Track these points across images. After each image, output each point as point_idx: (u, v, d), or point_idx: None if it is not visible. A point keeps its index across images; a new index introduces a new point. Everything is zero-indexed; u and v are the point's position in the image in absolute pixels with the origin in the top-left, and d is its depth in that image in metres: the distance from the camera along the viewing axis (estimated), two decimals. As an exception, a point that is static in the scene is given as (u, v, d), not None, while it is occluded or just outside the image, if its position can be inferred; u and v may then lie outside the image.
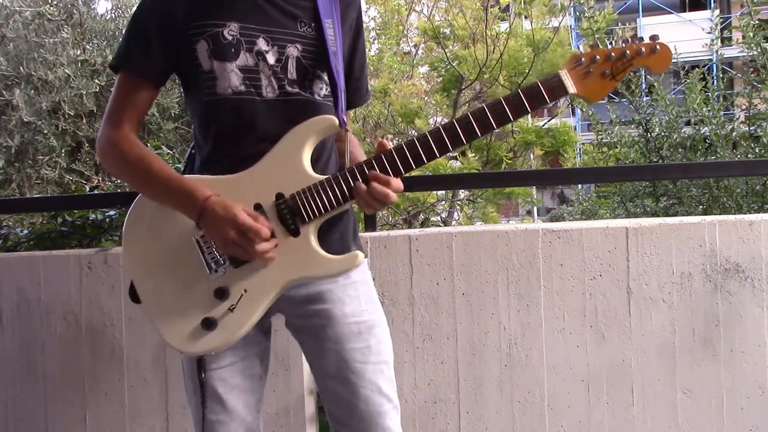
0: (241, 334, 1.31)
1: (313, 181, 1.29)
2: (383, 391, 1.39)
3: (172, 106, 4.98)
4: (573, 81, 1.28)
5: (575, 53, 1.33)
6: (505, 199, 7.84)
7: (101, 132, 1.38)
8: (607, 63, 1.28)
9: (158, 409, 2.24)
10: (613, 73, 1.28)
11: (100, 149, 1.38)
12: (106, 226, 2.82)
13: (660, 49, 1.27)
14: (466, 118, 1.28)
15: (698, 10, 16.35)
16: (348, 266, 1.32)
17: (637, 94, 4.41)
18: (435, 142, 1.28)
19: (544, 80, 1.28)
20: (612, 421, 2.07)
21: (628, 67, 1.28)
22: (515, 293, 2.09)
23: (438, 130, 1.28)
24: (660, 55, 1.28)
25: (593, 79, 1.28)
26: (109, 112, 1.38)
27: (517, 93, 1.28)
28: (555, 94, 1.28)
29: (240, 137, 1.34)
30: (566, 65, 1.30)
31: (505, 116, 1.28)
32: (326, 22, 1.35)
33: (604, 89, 1.29)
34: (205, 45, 1.32)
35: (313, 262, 1.31)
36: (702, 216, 2.20)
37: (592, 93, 1.29)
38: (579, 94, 1.29)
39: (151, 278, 1.35)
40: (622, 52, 1.27)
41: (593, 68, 1.28)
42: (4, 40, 5.18)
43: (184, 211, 1.30)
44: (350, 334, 1.38)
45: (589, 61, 1.28)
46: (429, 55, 9.18)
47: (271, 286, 1.31)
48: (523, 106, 1.27)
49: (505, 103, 1.27)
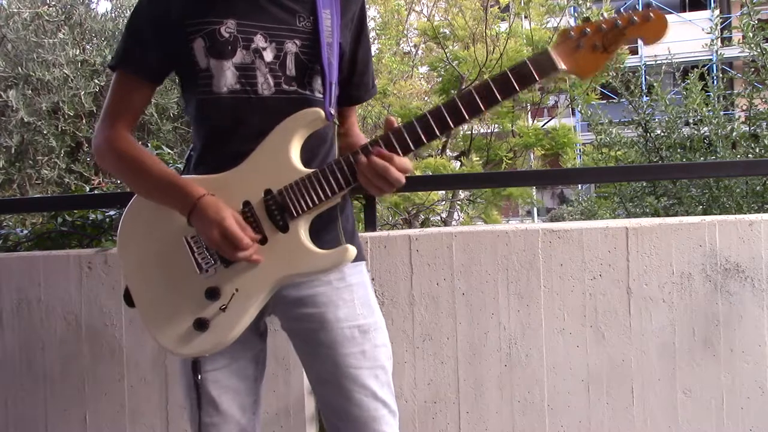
0: (235, 335, 1.30)
1: (302, 176, 1.28)
2: (378, 396, 1.36)
3: (170, 106, 4.98)
4: (563, 57, 1.22)
5: (565, 28, 1.25)
6: (505, 199, 7.83)
7: (97, 130, 1.38)
8: (598, 35, 1.21)
9: (158, 409, 2.24)
10: (605, 45, 1.21)
11: (96, 147, 1.38)
12: (106, 226, 2.82)
13: (654, 17, 1.20)
14: (452, 101, 1.23)
15: (698, 10, 16.36)
16: (338, 261, 1.29)
17: (636, 94, 4.41)
18: (422, 126, 1.24)
19: (533, 58, 1.22)
20: (612, 421, 2.07)
21: (620, 37, 1.21)
22: (515, 293, 2.09)
23: (424, 115, 1.24)
24: (654, 23, 1.20)
25: (583, 53, 1.21)
26: (106, 110, 1.37)
27: (504, 73, 1.22)
28: (544, 72, 1.21)
29: (234, 135, 1.33)
30: (555, 41, 1.23)
31: (492, 97, 1.22)
32: (324, 13, 1.33)
33: (596, 63, 1.22)
34: (201, 43, 1.31)
35: (303, 257, 1.28)
36: (702, 216, 2.20)
37: (583, 68, 1.22)
38: (569, 70, 1.22)
39: (144, 280, 1.35)
40: (613, 22, 1.20)
41: (583, 41, 1.21)
42: (4, 40, 5.18)
43: (177, 207, 1.29)
44: (344, 338, 1.35)
45: (579, 35, 1.21)
46: (429, 55, 9.17)
47: (263, 284, 1.29)
48: (511, 85, 1.21)
49: (492, 84, 1.22)
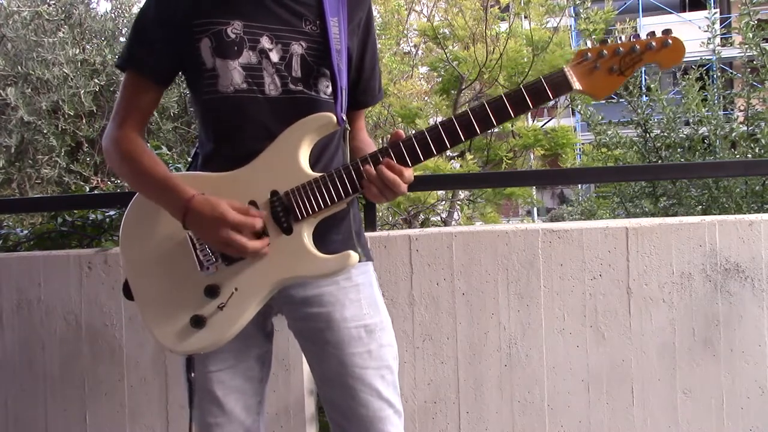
0: (232, 334, 1.30)
1: (309, 179, 1.28)
2: (383, 396, 1.37)
3: (171, 105, 4.97)
4: (578, 77, 1.23)
5: (582, 49, 1.28)
6: (505, 199, 7.82)
7: (107, 130, 1.39)
8: (615, 58, 1.22)
9: (158, 409, 2.24)
10: (621, 68, 1.23)
11: (105, 147, 1.39)
12: (106, 226, 2.82)
13: (672, 43, 1.21)
14: (465, 114, 1.25)
15: (698, 10, 16.36)
16: (340, 266, 1.29)
17: (635, 94, 4.41)
18: (433, 139, 1.25)
19: (548, 76, 1.24)
20: (612, 421, 2.07)
21: (637, 62, 1.22)
22: (515, 293, 2.09)
23: (436, 127, 1.26)
24: (671, 49, 1.21)
25: (600, 74, 1.23)
26: (115, 111, 1.39)
27: (519, 89, 1.24)
28: (558, 91, 1.24)
29: (241, 134, 1.33)
30: (572, 61, 1.25)
31: (505, 112, 1.24)
32: (331, 20, 1.35)
33: (612, 85, 1.24)
34: (208, 42, 1.32)
35: (304, 261, 1.29)
36: (702, 216, 2.20)
37: (599, 89, 1.24)
38: (584, 91, 1.24)
39: (145, 276, 1.35)
40: (631, 47, 1.22)
41: (600, 63, 1.23)
42: (4, 39, 5.18)
43: (171, 211, 1.29)
44: (350, 338, 1.36)
45: (596, 56, 1.23)
46: (429, 55, 9.17)
47: (262, 285, 1.30)
48: (525, 102, 1.23)
49: (506, 100, 1.23)
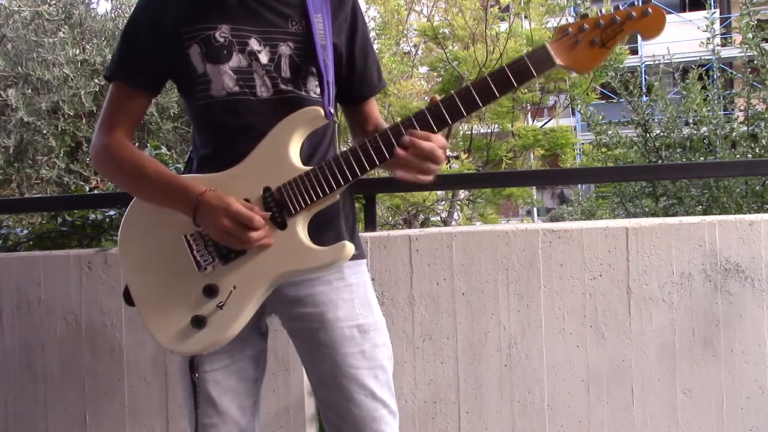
0: (232, 333, 1.30)
1: (300, 173, 1.29)
2: (377, 396, 1.37)
3: (171, 105, 4.97)
4: (560, 52, 1.22)
5: (563, 24, 1.27)
6: (505, 199, 7.83)
7: (95, 138, 1.39)
8: (596, 31, 1.22)
9: (158, 409, 2.24)
10: (603, 40, 1.22)
11: (95, 155, 1.39)
12: (106, 226, 2.82)
13: (652, 12, 1.20)
14: (450, 98, 1.24)
15: (698, 10, 16.36)
16: (335, 257, 1.29)
17: (635, 94, 4.41)
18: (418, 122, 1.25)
19: (530, 54, 1.23)
20: (612, 421, 2.07)
21: (618, 33, 1.21)
22: (515, 293, 2.09)
23: (422, 112, 1.26)
24: (652, 18, 1.21)
25: (582, 48, 1.22)
26: (103, 119, 1.38)
27: (502, 69, 1.23)
28: (541, 67, 1.23)
29: (236, 137, 1.34)
30: (553, 37, 1.25)
31: (490, 93, 1.23)
32: (315, 17, 1.35)
33: (594, 59, 1.23)
34: (197, 49, 1.32)
35: (300, 253, 1.30)
36: (702, 216, 2.20)
37: (581, 64, 1.23)
38: (567, 66, 1.23)
39: (144, 279, 1.36)
40: (611, 18, 1.21)
41: (581, 37, 1.22)
42: (4, 39, 5.18)
43: (180, 208, 1.30)
44: (343, 338, 1.36)
45: (577, 31, 1.22)
46: (429, 55, 9.17)
47: (260, 281, 1.30)
48: (509, 81, 1.22)
49: (490, 80, 1.23)
